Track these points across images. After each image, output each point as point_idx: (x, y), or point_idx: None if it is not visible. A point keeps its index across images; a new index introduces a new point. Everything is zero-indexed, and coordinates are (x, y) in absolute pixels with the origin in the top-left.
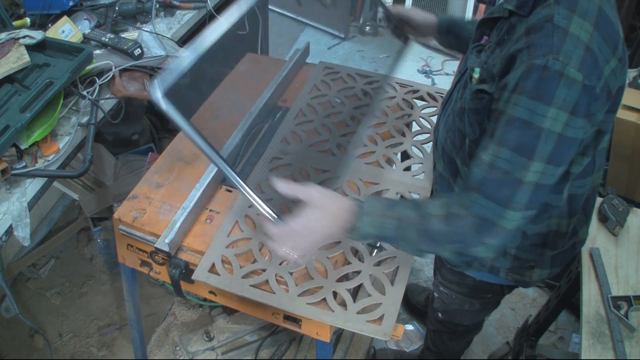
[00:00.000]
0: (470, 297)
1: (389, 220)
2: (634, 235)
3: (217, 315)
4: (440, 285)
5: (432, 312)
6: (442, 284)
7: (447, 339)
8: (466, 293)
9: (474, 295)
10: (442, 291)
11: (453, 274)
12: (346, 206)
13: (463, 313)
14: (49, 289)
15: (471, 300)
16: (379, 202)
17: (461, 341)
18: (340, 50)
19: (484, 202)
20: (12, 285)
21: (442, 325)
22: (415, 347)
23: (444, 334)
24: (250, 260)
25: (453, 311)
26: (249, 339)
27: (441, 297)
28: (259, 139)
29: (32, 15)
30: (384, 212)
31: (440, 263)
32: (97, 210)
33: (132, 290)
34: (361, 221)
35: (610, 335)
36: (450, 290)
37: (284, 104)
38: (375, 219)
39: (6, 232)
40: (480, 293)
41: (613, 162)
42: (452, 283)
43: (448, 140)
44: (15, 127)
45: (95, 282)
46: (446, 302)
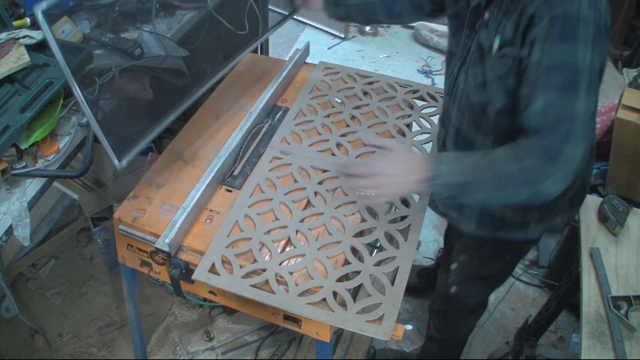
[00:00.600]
0: (491, 260)
1: (465, 166)
2: (634, 235)
3: (217, 315)
4: (460, 255)
5: (443, 288)
6: (463, 251)
7: (453, 320)
8: (487, 256)
9: (496, 256)
10: (462, 260)
11: (475, 240)
12: (425, 158)
13: (479, 283)
14: (49, 289)
15: (492, 264)
16: (451, 154)
17: (467, 323)
18: (340, 50)
19: (547, 142)
20: (12, 285)
21: (451, 303)
22: (415, 347)
23: (451, 314)
24: (250, 260)
25: (470, 281)
26: (249, 339)
27: (461, 266)
28: (259, 139)
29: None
30: (459, 159)
31: (457, 235)
32: (97, 210)
33: (132, 290)
34: (440, 169)
35: (610, 335)
36: (472, 257)
37: (284, 104)
38: (453, 166)
39: (6, 232)
40: (502, 254)
41: (613, 162)
42: (474, 248)
43: (464, 120)
44: (15, 127)
45: (95, 282)
46: (466, 270)
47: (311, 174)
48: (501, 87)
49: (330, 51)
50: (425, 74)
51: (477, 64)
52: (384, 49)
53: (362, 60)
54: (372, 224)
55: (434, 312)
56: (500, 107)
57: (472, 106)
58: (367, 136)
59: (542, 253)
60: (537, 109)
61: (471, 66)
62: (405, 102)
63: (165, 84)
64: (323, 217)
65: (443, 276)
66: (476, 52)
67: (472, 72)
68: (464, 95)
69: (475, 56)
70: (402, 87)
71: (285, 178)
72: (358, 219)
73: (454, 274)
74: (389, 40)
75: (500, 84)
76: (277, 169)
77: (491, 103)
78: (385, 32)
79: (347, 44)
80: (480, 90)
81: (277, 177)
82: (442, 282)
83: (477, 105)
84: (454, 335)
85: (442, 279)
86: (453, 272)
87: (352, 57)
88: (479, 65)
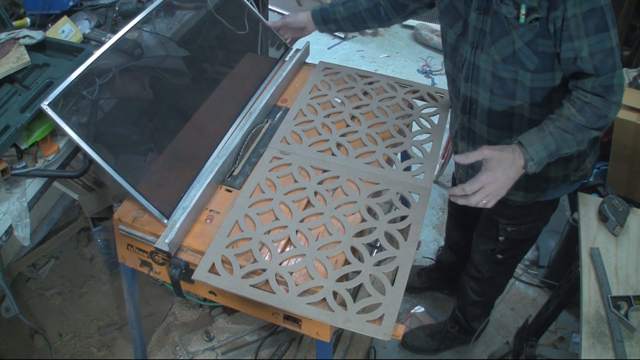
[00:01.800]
0: (536, 222)
1: (547, 138)
2: (634, 235)
3: (217, 315)
4: (507, 227)
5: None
6: (509, 224)
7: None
8: (532, 220)
9: (539, 218)
10: (509, 231)
11: (518, 210)
12: (514, 148)
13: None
14: (49, 289)
15: (537, 224)
16: (530, 134)
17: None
18: (340, 50)
19: (602, 79)
20: (12, 285)
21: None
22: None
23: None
24: (250, 260)
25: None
26: (249, 339)
27: (508, 238)
28: (259, 139)
29: (32, 15)
30: (539, 137)
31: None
32: (97, 210)
33: (132, 290)
34: (529, 153)
35: (610, 335)
36: (519, 226)
37: (284, 104)
38: (537, 145)
39: (6, 232)
40: (544, 212)
41: (613, 162)
42: (519, 217)
43: (495, 97)
44: (15, 127)
45: (95, 282)
46: (514, 239)
47: (311, 174)
48: (530, 51)
49: (330, 51)
50: (425, 74)
51: (501, 38)
52: (384, 49)
53: (362, 60)
54: (372, 224)
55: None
56: (534, 68)
57: (501, 80)
58: (461, 157)
59: (542, 253)
60: (586, 55)
61: (491, 44)
62: (405, 102)
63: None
64: (323, 217)
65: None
66: (497, 28)
67: (495, 49)
68: (488, 74)
69: (497, 32)
70: (402, 87)
71: (285, 178)
72: (358, 219)
73: (502, 245)
74: (389, 40)
75: (529, 48)
76: (277, 169)
77: (523, 69)
78: (385, 32)
79: (347, 44)
80: (509, 62)
81: (277, 177)
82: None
83: (508, 77)
84: (499, 291)
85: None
86: (501, 242)
87: (352, 57)
88: (504, 39)
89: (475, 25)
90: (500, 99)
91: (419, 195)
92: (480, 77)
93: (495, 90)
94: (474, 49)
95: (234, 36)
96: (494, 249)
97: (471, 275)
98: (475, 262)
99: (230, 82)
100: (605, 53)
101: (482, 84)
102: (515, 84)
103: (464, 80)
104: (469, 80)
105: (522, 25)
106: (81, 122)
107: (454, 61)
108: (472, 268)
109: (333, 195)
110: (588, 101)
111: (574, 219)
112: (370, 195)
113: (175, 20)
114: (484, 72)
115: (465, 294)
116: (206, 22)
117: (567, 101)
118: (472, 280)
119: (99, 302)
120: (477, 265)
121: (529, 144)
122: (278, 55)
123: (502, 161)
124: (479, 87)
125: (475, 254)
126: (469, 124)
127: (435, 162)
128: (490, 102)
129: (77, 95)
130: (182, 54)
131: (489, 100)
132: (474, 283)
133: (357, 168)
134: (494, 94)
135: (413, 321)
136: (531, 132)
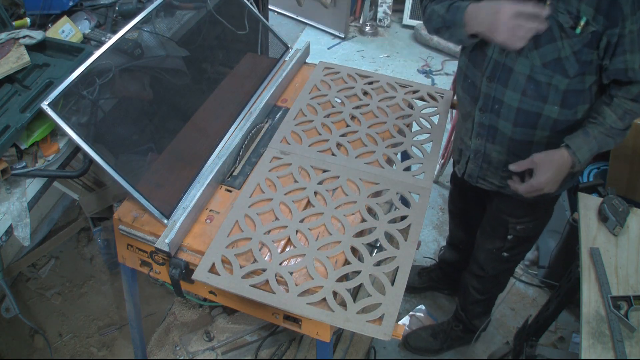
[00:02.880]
0: (543, 218)
1: (592, 143)
2: (634, 235)
3: (217, 315)
4: (516, 225)
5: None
6: (518, 222)
7: (503, 277)
8: (540, 216)
9: (545, 214)
10: (518, 229)
11: (528, 208)
12: (562, 154)
13: (533, 240)
14: (49, 289)
15: (543, 220)
16: (577, 137)
17: (512, 271)
18: (340, 50)
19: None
20: (12, 285)
21: (504, 265)
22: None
23: (502, 274)
24: (250, 260)
25: (524, 241)
26: (249, 339)
27: (518, 236)
28: (259, 139)
29: (32, 15)
30: (585, 141)
31: (511, 210)
32: (97, 210)
33: (132, 290)
34: (576, 156)
35: (610, 335)
36: (527, 224)
37: (284, 104)
38: (584, 150)
39: (6, 232)
40: (549, 207)
41: (613, 162)
42: (528, 215)
43: (526, 98)
44: (15, 127)
45: (95, 282)
46: (522, 237)
47: (311, 174)
48: (575, 59)
49: (330, 51)
50: (425, 74)
51: (547, 44)
52: (384, 49)
53: (362, 60)
54: (372, 224)
55: (477, 278)
56: (573, 74)
57: (537, 83)
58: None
59: (542, 253)
60: (637, 67)
61: (534, 48)
62: (405, 102)
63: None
64: (323, 217)
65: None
66: (545, 34)
67: (539, 54)
68: (522, 77)
69: (544, 38)
70: (402, 87)
71: (285, 178)
72: (358, 219)
73: (509, 243)
74: (389, 40)
75: (575, 57)
76: (277, 169)
77: (562, 74)
78: (385, 32)
79: (347, 44)
80: (550, 66)
81: (277, 177)
82: (486, 255)
83: (544, 80)
84: (501, 288)
85: (484, 252)
86: (509, 241)
87: (352, 57)
88: (552, 45)
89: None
90: (532, 101)
91: (419, 195)
92: (511, 79)
93: (528, 92)
94: (506, 51)
95: (234, 36)
96: (501, 247)
97: (474, 273)
98: (479, 260)
99: (230, 82)
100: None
101: (511, 85)
102: (549, 87)
103: (487, 80)
104: (495, 80)
105: (577, 36)
106: (81, 122)
107: (473, 59)
108: (476, 266)
109: (333, 195)
110: (630, 108)
111: (574, 219)
112: (370, 195)
113: (175, 20)
114: (517, 74)
115: (467, 293)
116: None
117: (608, 107)
118: (474, 278)
119: (99, 302)
120: (481, 264)
121: (577, 147)
122: (278, 55)
123: (553, 165)
124: (507, 89)
125: (479, 253)
126: (489, 122)
127: (435, 162)
128: (519, 102)
129: (77, 95)
130: (182, 54)
131: (519, 101)
132: (477, 281)
133: (357, 168)
134: (526, 95)
135: (413, 321)
136: (578, 136)
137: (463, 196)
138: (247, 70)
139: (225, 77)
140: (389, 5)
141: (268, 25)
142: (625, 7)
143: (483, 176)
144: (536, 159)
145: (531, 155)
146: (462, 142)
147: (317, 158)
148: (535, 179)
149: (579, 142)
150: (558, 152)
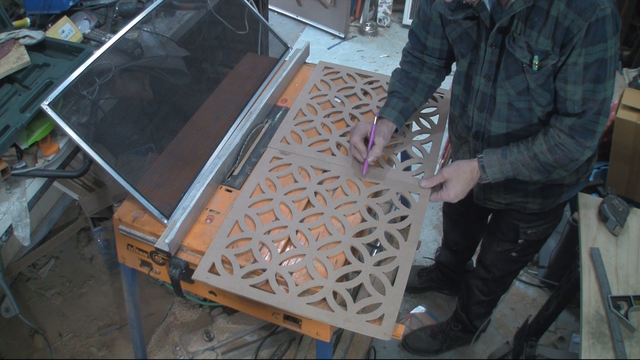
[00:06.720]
0: (553, 221)
1: (506, 166)
2: (634, 235)
3: (217, 315)
4: (527, 230)
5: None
6: (529, 227)
7: (508, 278)
8: (550, 220)
9: (556, 217)
10: (529, 234)
11: (538, 215)
12: (473, 167)
13: (542, 242)
14: (49, 289)
15: (554, 223)
16: (495, 154)
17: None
18: (340, 50)
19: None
20: (12, 285)
21: (511, 265)
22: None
23: (508, 275)
24: (250, 260)
25: (535, 244)
26: (249, 339)
27: (529, 239)
28: (259, 139)
29: (32, 15)
30: (500, 161)
31: (520, 216)
32: (97, 210)
33: (132, 290)
34: (486, 173)
35: (610, 335)
36: (538, 228)
37: (284, 104)
38: (496, 168)
39: (6, 232)
40: (559, 211)
41: (613, 162)
42: (539, 220)
43: (511, 125)
44: (15, 127)
45: (95, 282)
46: (534, 240)
47: (311, 174)
48: (543, 89)
49: (330, 51)
50: None
51: (516, 75)
52: (384, 49)
53: (362, 60)
54: (372, 224)
55: (483, 280)
56: (545, 104)
57: (518, 110)
58: (424, 182)
59: (542, 253)
60: (577, 99)
61: (507, 79)
62: None
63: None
64: (323, 217)
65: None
66: (512, 66)
67: (510, 84)
68: (504, 106)
69: (512, 69)
70: None
71: (285, 178)
72: (358, 219)
73: (519, 246)
74: (389, 40)
75: (542, 88)
76: (277, 169)
77: (536, 103)
78: (385, 32)
79: (347, 44)
80: (524, 96)
81: (277, 177)
82: (494, 256)
83: (524, 107)
84: (505, 289)
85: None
86: (519, 245)
87: (352, 57)
88: (519, 76)
89: (490, 59)
90: (517, 125)
91: (418, 195)
92: (495, 109)
93: (512, 119)
94: (490, 81)
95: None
96: (511, 249)
97: (480, 276)
98: (486, 262)
99: (230, 82)
100: (596, 101)
101: (496, 115)
102: (531, 112)
103: (477, 109)
104: (484, 110)
105: (535, 72)
106: (81, 122)
107: (466, 88)
108: (482, 269)
109: (333, 195)
110: (561, 142)
111: (574, 219)
112: (370, 195)
113: (175, 20)
114: (499, 104)
115: (471, 294)
116: (206, 22)
117: (543, 136)
118: (479, 280)
119: (99, 302)
120: (488, 266)
121: (489, 165)
122: (278, 55)
123: (462, 178)
124: (492, 118)
125: (487, 255)
126: (482, 149)
127: (435, 162)
128: (506, 129)
129: (77, 95)
130: (182, 54)
131: (505, 127)
132: (482, 283)
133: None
134: (510, 122)
135: (413, 321)
136: (495, 154)
137: None
138: (247, 70)
139: (225, 77)
140: (389, 5)
141: (268, 25)
142: (575, 38)
143: (488, 198)
144: (446, 174)
145: (441, 170)
146: None
147: (317, 158)
148: (445, 192)
149: (493, 160)
150: (469, 164)
